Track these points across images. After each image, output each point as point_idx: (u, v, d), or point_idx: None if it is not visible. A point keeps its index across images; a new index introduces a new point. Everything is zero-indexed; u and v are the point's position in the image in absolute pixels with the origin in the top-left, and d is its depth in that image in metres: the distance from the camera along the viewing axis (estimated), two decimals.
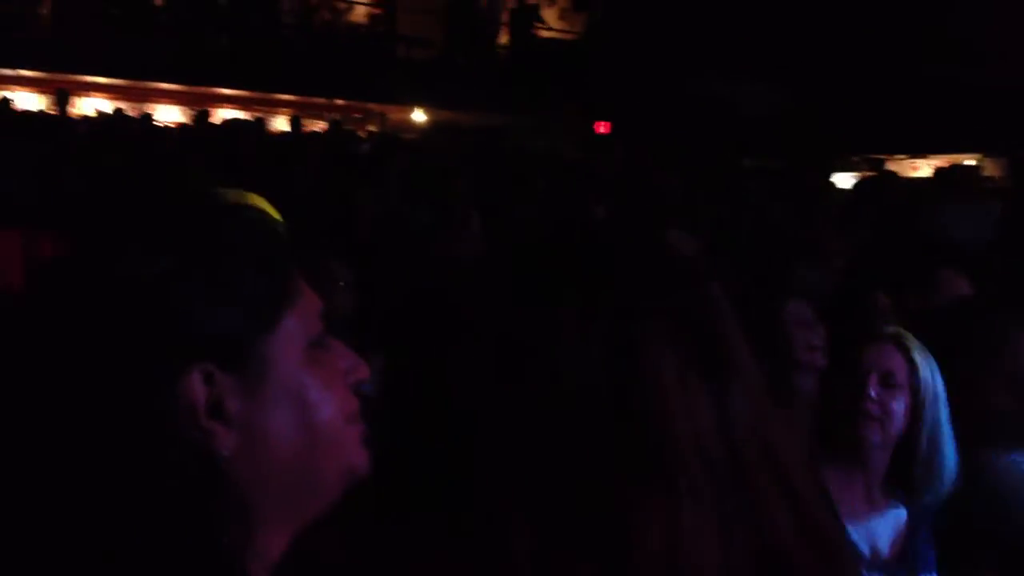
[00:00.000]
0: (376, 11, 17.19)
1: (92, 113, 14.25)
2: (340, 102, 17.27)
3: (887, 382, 2.30)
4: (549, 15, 18.20)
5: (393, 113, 18.89)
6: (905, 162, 12.87)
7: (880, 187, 7.79)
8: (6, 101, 11.38)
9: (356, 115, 18.85)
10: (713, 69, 13.98)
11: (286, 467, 0.91)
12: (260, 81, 15.65)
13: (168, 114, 16.66)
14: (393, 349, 1.54)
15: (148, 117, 11.72)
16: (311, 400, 0.92)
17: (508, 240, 5.26)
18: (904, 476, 2.33)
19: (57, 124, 9.94)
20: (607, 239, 1.01)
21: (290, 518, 0.94)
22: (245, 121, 12.96)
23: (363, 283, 3.77)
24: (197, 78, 15.60)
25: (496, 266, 0.97)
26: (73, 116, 12.41)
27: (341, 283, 3.62)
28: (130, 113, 12.68)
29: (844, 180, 10.99)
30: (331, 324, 0.99)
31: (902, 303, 3.50)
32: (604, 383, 0.91)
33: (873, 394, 2.29)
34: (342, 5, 17.11)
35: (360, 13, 17.11)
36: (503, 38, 17.92)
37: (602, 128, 15.99)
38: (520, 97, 15.52)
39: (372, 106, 18.64)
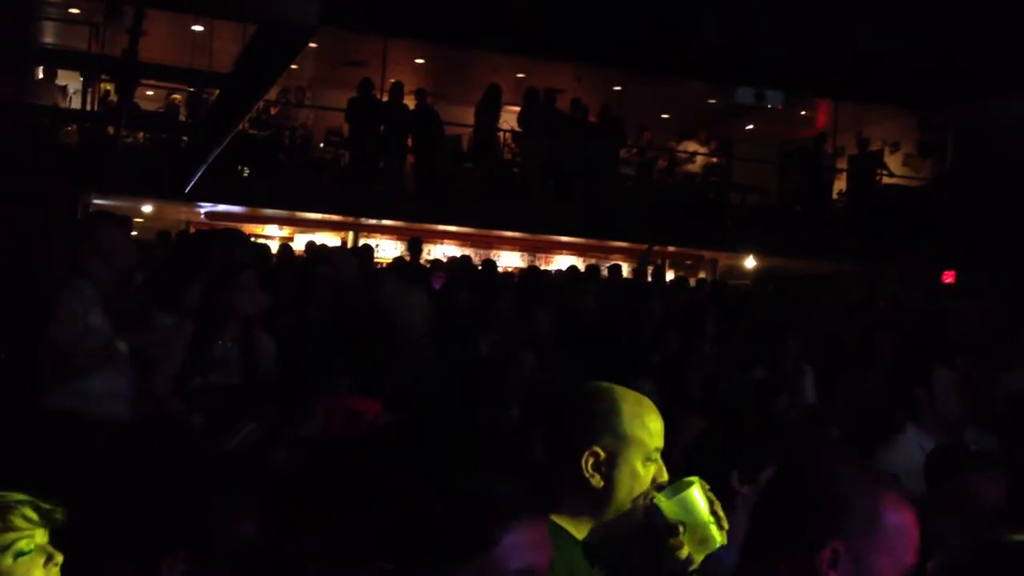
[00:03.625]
0: (713, 160, 17.46)
1: (443, 258, 15.44)
2: (672, 249, 17.56)
3: None
4: (892, 161, 17.68)
5: (724, 259, 18.91)
6: None
7: None
8: (370, 248, 12.59)
9: (687, 261, 19.05)
10: None
11: None
12: (594, 229, 16.27)
13: (509, 260, 17.70)
14: None
15: (492, 264, 12.46)
16: None
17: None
18: None
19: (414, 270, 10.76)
20: None
21: None
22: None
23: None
24: (537, 227, 16.49)
25: None
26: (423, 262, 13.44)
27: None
28: (475, 259, 13.58)
29: None
30: None
31: None
32: None
33: None
34: (681, 155, 17.56)
35: (696, 163, 17.47)
36: (843, 185, 17.58)
37: (949, 278, 15.11)
38: (860, 245, 15.06)
39: (704, 252, 18.78)
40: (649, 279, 13.34)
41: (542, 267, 15.62)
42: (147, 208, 16.31)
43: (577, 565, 2.20)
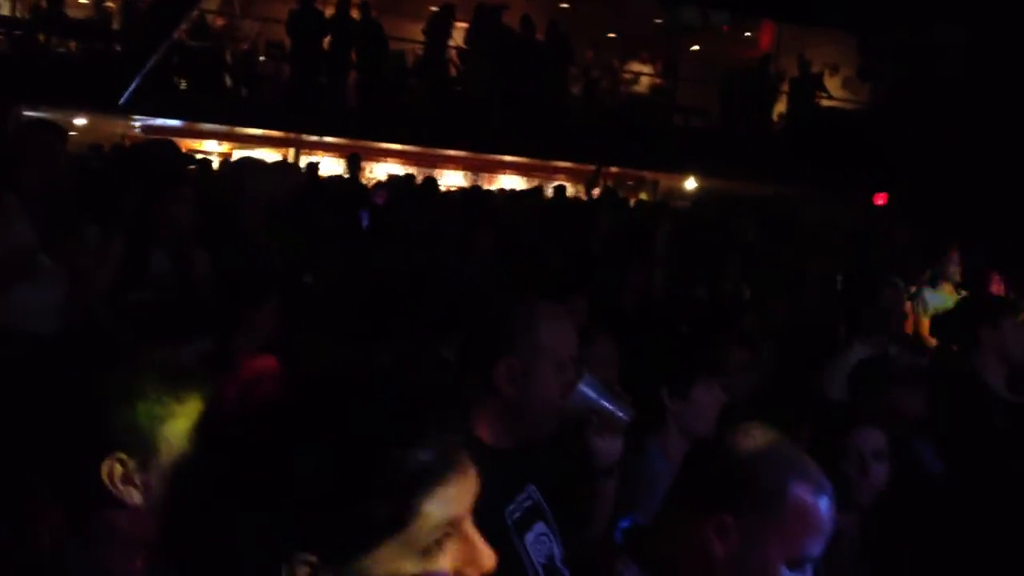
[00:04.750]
0: (657, 81, 17.41)
1: (384, 177, 15.30)
2: (614, 169, 17.58)
3: None
4: (832, 84, 17.78)
5: (666, 181, 18.99)
6: None
7: None
8: (315, 166, 12.43)
9: (629, 182, 19.11)
10: (1003, 145, 13.13)
11: None
12: (539, 149, 16.22)
13: (453, 179, 17.61)
14: None
15: (433, 181, 12.38)
16: None
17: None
18: None
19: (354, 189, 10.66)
20: None
21: None
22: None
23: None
24: (481, 146, 16.39)
25: None
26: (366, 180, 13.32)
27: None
28: (419, 177, 13.47)
29: None
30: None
31: None
32: None
33: None
34: (626, 76, 17.48)
35: (641, 83, 17.41)
36: (783, 107, 17.67)
37: (880, 200, 15.36)
38: (798, 167, 15.20)
39: (646, 173, 18.84)
40: (596, 199, 13.39)
41: (485, 187, 15.55)
42: (80, 121, 15.88)
43: (496, 477, 2.21)
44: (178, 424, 1.58)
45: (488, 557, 1.13)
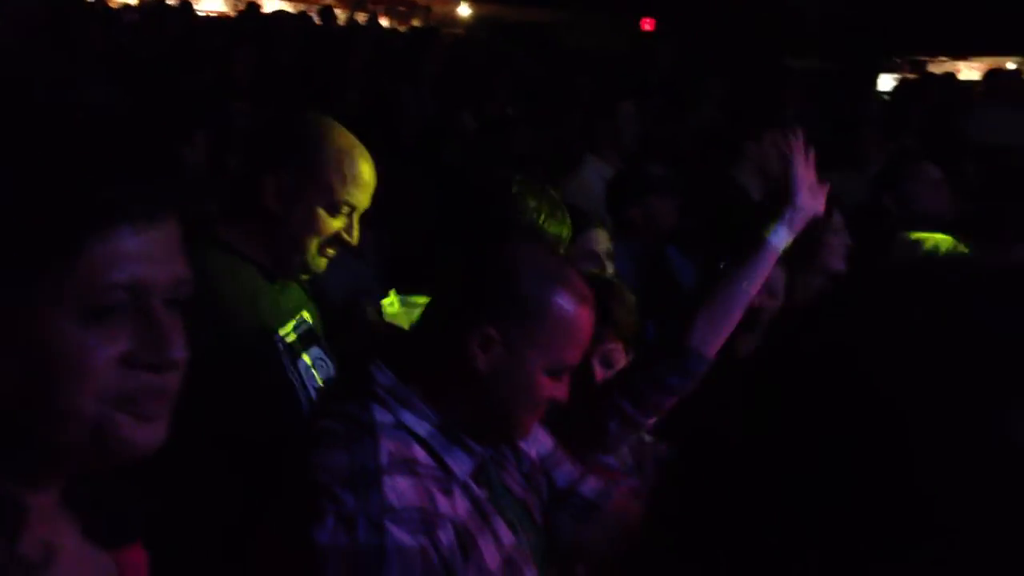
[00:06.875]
0: None
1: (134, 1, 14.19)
2: None
3: None
4: None
5: (438, 6, 18.62)
6: (946, 64, 12.41)
7: (924, 90, 7.62)
8: None
9: (401, 8, 18.61)
10: None
11: (12, 415, 0.94)
12: None
13: (211, 3, 16.57)
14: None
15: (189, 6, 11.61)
16: (56, 367, 0.92)
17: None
18: None
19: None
20: None
21: (47, 467, 0.99)
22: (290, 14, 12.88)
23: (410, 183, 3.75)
24: None
25: None
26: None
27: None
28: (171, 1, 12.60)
29: (886, 82, 10.80)
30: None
31: None
32: None
33: None
34: None
35: None
36: None
37: (647, 25, 15.66)
38: None
39: (418, 0, 18.40)
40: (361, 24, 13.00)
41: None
42: None
43: (251, 284, 2.12)
44: None
45: (172, 345, 0.97)
